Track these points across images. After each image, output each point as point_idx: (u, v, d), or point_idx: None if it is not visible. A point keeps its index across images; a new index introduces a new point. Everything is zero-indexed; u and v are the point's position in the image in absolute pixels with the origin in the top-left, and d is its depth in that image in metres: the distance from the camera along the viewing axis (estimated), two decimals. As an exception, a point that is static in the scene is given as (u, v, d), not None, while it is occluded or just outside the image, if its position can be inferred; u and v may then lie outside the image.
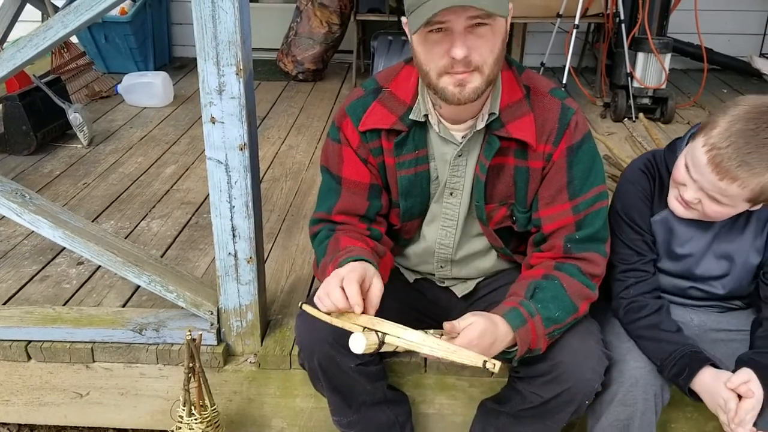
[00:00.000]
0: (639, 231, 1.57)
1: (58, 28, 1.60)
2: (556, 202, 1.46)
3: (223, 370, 1.84)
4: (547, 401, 1.46)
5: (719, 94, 4.30)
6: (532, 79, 1.47)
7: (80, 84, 4.04)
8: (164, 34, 4.80)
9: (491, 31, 1.29)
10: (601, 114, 3.84)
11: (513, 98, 1.43)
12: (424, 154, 1.49)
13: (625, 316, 1.56)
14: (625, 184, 1.60)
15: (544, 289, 1.42)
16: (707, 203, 1.43)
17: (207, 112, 1.58)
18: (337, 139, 1.53)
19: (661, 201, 1.56)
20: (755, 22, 4.80)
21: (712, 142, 1.37)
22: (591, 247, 1.46)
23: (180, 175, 3.00)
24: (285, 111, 3.94)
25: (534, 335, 1.37)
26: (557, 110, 1.44)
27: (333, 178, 1.55)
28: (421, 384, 1.81)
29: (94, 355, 1.87)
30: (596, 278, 1.47)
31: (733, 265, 1.56)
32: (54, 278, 2.17)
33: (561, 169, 1.44)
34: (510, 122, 1.42)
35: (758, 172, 1.34)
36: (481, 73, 1.31)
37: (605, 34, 4.13)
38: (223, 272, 1.75)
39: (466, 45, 1.27)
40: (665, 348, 1.48)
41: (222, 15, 1.49)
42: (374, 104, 1.49)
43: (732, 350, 1.56)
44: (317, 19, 4.36)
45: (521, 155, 1.46)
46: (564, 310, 1.41)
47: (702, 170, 1.39)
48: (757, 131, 1.34)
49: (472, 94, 1.33)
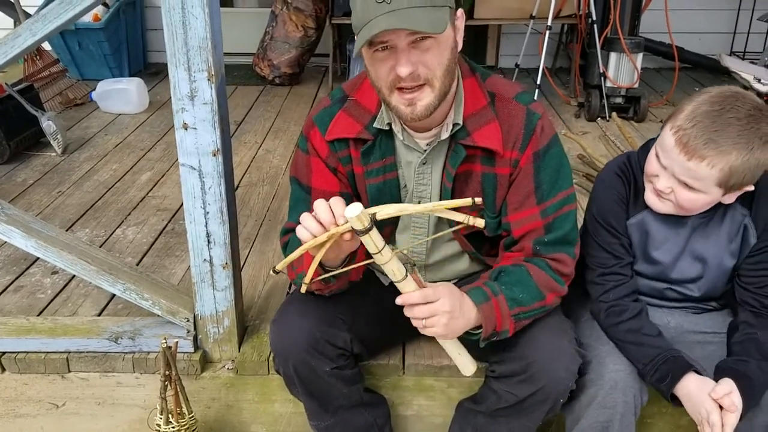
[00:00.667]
0: (616, 234, 1.57)
1: (27, 36, 1.58)
2: (524, 207, 1.47)
3: (201, 377, 1.84)
4: (523, 400, 1.47)
5: (691, 92, 4.32)
6: (497, 85, 1.47)
7: (54, 91, 4.00)
8: (139, 40, 4.78)
9: (436, 44, 1.29)
10: (576, 114, 3.88)
11: (477, 106, 1.44)
12: (392, 161, 1.50)
13: (606, 319, 1.57)
14: (601, 188, 1.60)
15: (509, 273, 1.44)
16: (680, 191, 1.43)
17: (179, 118, 1.58)
18: (305, 150, 1.53)
19: (637, 204, 1.57)
20: (725, 21, 4.88)
21: (678, 124, 1.39)
22: (560, 249, 1.47)
23: (156, 182, 2.99)
24: (262, 115, 3.93)
25: (498, 313, 1.37)
26: (522, 116, 1.44)
27: (302, 188, 1.55)
28: (399, 386, 1.82)
29: (70, 365, 1.85)
30: (565, 276, 1.49)
31: (707, 268, 1.57)
32: (28, 288, 2.15)
33: (528, 174, 1.45)
34: (475, 130, 1.43)
35: (725, 150, 1.35)
36: (432, 86, 1.32)
37: (578, 34, 4.18)
38: (199, 279, 1.75)
39: (411, 61, 1.28)
40: (647, 352, 1.49)
41: (192, 21, 1.49)
42: (340, 113, 1.49)
43: (708, 352, 1.58)
44: (293, 23, 4.36)
45: (488, 162, 1.46)
46: (529, 294, 1.42)
47: (670, 153, 1.40)
48: (721, 112, 1.36)
49: (424, 111, 1.34)
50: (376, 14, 1.24)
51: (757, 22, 4.50)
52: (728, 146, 1.35)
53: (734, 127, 1.35)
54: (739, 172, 1.38)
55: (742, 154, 1.35)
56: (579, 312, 1.69)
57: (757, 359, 1.47)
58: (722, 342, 1.59)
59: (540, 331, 1.47)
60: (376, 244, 1.22)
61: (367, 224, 1.18)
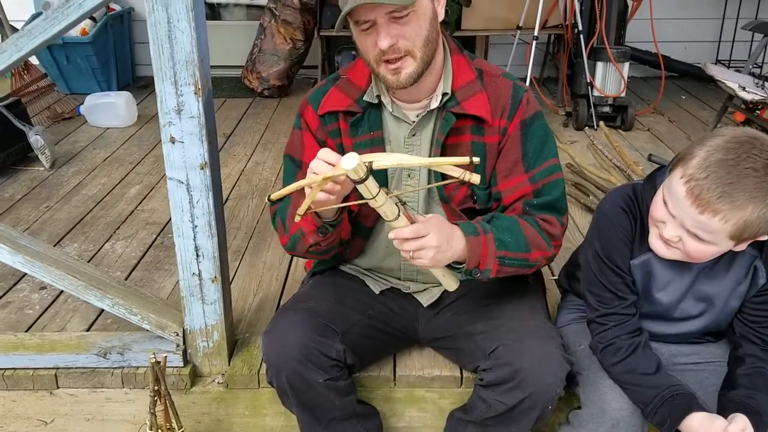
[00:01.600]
0: (620, 274, 1.49)
1: (12, 51, 1.58)
2: (514, 174, 1.53)
3: (191, 391, 1.82)
4: (512, 408, 1.47)
5: (678, 101, 4.40)
6: (484, 65, 1.57)
7: (42, 106, 3.99)
8: (127, 53, 4.78)
9: (415, 16, 1.38)
10: (564, 123, 3.90)
11: (466, 79, 1.52)
12: (380, 135, 1.56)
13: (603, 359, 1.51)
14: (605, 223, 1.50)
15: (501, 219, 1.49)
16: (688, 241, 1.34)
17: (166, 132, 1.58)
18: (299, 126, 1.62)
19: (642, 243, 1.47)
20: (710, 30, 4.93)
21: (690, 173, 1.28)
22: (548, 212, 1.52)
23: (144, 196, 2.98)
24: (251, 128, 3.93)
25: (484, 250, 1.41)
26: (509, 88, 1.52)
27: (294, 163, 1.62)
28: (391, 398, 1.81)
29: (58, 381, 1.83)
30: (553, 238, 1.52)
31: (712, 307, 1.51)
32: (16, 304, 2.13)
33: (516, 141, 1.52)
34: (465, 100, 1.51)
35: (740, 205, 1.25)
36: (413, 56, 1.41)
37: (565, 44, 4.22)
38: (188, 293, 1.74)
39: (390, 34, 1.38)
40: (646, 393, 1.44)
41: (178, 35, 1.49)
42: (332, 89, 1.58)
43: (701, 378, 1.55)
44: (281, 35, 4.37)
45: (477, 131, 1.53)
46: (516, 241, 1.45)
47: (681, 204, 1.30)
48: (737, 161, 1.25)
49: (408, 78, 1.43)
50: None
51: (741, 31, 4.54)
52: (744, 200, 1.25)
53: (750, 179, 1.24)
54: (754, 225, 1.28)
55: (759, 207, 1.25)
56: (577, 339, 1.65)
57: (765, 393, 1.43)
58: (716, 370, 1.56)
59: (527, 337, 1.48)
60: (370, 191, 1.25)
61: (362, 175, 1.21)
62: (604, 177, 2.91)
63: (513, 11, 4.15)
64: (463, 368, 1.77)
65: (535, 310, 1.61)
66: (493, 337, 1.52)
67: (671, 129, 3.89)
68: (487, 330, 1.56)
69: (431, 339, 1.74)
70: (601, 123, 3.69)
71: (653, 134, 3.79)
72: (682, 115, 4.13)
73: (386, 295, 1.71)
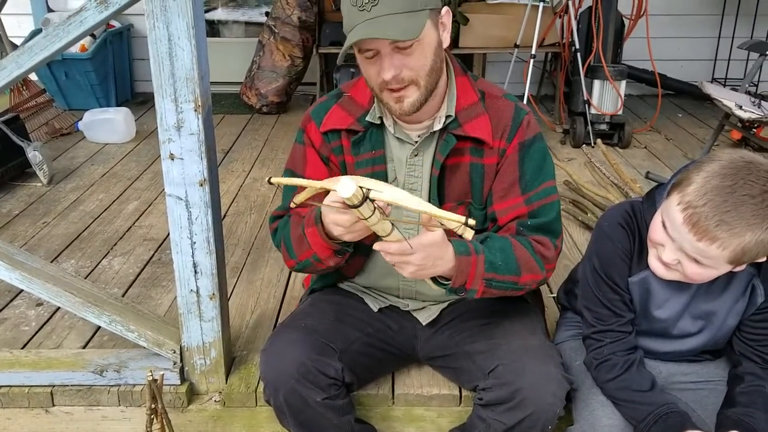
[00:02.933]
0: (618, 291, 1.49)
1: (13, 68, 1.58)
2: (510, 195, 1.53)
3: (187, 410, 1.81)
4: (511, 428, 1.46)
5: (674, 119, 4.43)
6: (486, 86, 1.58)
7: (40, 122, 3.99)
8: (126, 69, 4.79)
9: (419, 46, 1.37)
10: (561, 140, 3.92)
11: (469, 101, 1.52)
12: (381, 154, 1.57)
13: (597, 376, 1.51)
14: (604, 240, 1.50)
15: (494, 239, 1.48)
16: (687, 264, 1.34)
17: (166, 148, 1.58)
18: (301, 141, 1.62)
19: (641, 260, 1.47)
20: (706, 49, 4.97)
21: (688, 200, 1.27)
22: (542, 234, 1.52)
23: (142, 212, 2.97)
24: (249, 144, 3.94)
25: (473, 270, 1.40)
26: (511, 110, 1.53)
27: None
28: (389, 416, 1.80)
29: (54, 399, 1.82)
30: (546, 261, 1.50)
31: (710, 325, 1.51)
32: (12, 321, 2.12)
33: (513, 163, 1.52)
34: (466, 122, 1.51)
35: (738, 232, 1.25)
36: (417, 85, 1.41)
37: (562, 62, 4.25)
38: (186, 309, 1.73)
39: (394, 65, 1.38)
40: (640, 410, 1.43)
41: (179, 52, 1.50)
42: (334, 107, 1.58)
43: (700, 397, 1.54)
44: (280, 52, 4.40)
45: (477, 153, 1.53)
46: (506, 263, 1.44)
47: (679, 230, 1.30)
48: (734, 188, 1.24)
49: (412, 107, 1.43)
50: (357, 22, 1.35)
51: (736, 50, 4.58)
52: (741, 228, 1.24)
53: (748, 206, 1.24)
54: (752, 251, 1.28)
55: (756, 234, 1.25)
56: (573, 356, 1.64)
57: (764, 412, 1.42)
58: (715, 389, 1.55)
59: (527, 357, 1.47)
60: (363, 214, 1.24)
61: (356, 202, 1.21)
62: (602, 194, 2.91)
63: (510, 30, 4.18)
64: (462, 387, 1.76)
65: (535, 329, 1.61)
66: (492, 357, 1.51)
67: (668, 147, 3.91)
68: (486, 349, 1.55)
69: (430, 357, 1.73)
70: (598, 140, 3.70)
71: (650, 152, 3.81)
72: (678, 133, 4.15)
73: (385, 313, 1.71)
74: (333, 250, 1.45)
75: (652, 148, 3.87)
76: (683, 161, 3.64)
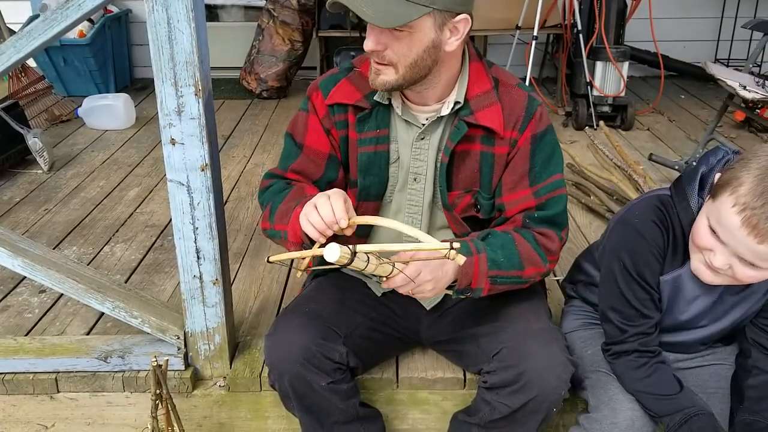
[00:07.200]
0: (648, 290, 1.44)
1: (11, 52, 1.57)
2: (519, 187, 1.53)
3: (192, 395, 1.81)
4: (516, 410, 1.46)
5: (677, 100, 4.40)
6: (501, 73, 1.56)
7: (39, 108, 3.97)
8: (125, 55, 4.76)
9: (409, 36, 1.37)
10: (563, 123, 3.89)
11: (482, 88, 1.51)
12: (386, 134, 1.55)
13: (623, 374, 1.48)
14: (636, 238, 1.43)
15: (495, 236, 1.49)
16: (740, 268, 1.29)
17: (166, 133, 1.57)
18: (305, 109, 1.61)
19: (675, 258, 1.43)
20: (709, 29, 4.93)
21: (744, 201, 1.21)
22: (548, 226, 1.52)
23: (144, 198, 2.96)
24: (249, 129, 3.92)
25: (476, 270, 1.41)
26: (524, 100, 1.51)
27: (295, 144, 1.62)
28: (394, 400, 1.80)
29: (59, 386, 1.82)
30: (549, 253, 1.51)
31: (730, 319, 1.50)
32: (15, 308, 2.12)
33: (525, 155, 1.51)
34: (479, 110, 1.49)
35: None
36: (396, 69, 1.41)
37: (564, 44, 4.21)
38: (189, 295, 1.73)
39: (379, 41, 1.38)
40: (666, 408, 1.41)
41: (179, 36, 1.48)
42: (343, 81, 1.57)
43: (701, 381, 1.54)
44: (279, 36, 4.36)
45: (488, 141, 1.52)
46: (509, 260, 1.45)
47: (735, 234, 1.24)
48: None
49: (382, 85, 1.44)
50: None
51: (739, 30, 4.54)
52: None
53: None
54: None
55: None
56: (584, 345, 1.63)
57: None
58: (717, 372, 1.55)
59: (531, 340, 1.47)
60: (359, 267, 1.27)
61: (346, 262, 1.23)
62: (605, 176, 2.90)
63: (512, 11, 4.14)
64: (466, 370, 1.76)
65: (538, 312, 1.60)
66: (496, 340, 1.51)
67: (671, 128, 3.89)
68: (490, 332, 1.55)
69: (434, 341, 1.73)
70: (601, 122, 3.68)
71: (653, 133, 3.79)
72: (681, 114, 4.12)
73: (388, 297, 1.70)
74: (301, 242, 1.42)
75: (655, 129, 3.85)
76: (686, 143, 3.62)
